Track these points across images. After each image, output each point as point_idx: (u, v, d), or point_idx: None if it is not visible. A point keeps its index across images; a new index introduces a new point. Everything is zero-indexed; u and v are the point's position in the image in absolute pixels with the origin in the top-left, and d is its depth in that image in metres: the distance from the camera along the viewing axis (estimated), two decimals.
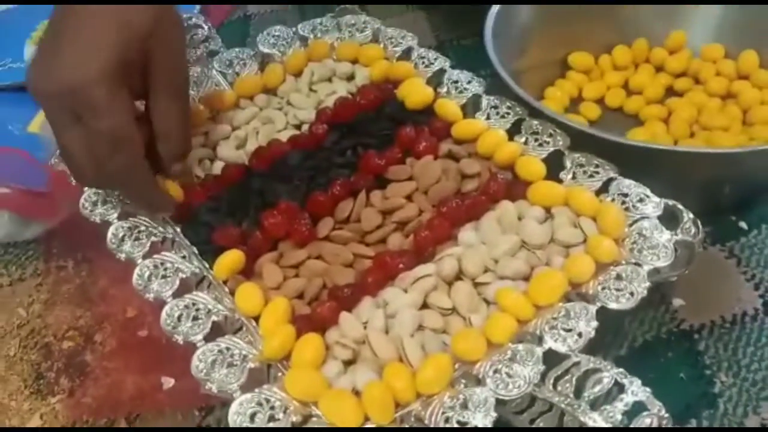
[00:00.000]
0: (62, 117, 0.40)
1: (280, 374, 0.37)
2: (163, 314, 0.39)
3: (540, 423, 0.37)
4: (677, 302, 0.48)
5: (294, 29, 0.57)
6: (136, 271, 0.41)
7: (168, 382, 0.47)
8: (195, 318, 0.39)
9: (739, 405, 0.43)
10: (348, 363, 0.38)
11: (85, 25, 0.40)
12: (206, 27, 0.58)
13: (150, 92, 0.43)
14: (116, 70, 0.39)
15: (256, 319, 0.40)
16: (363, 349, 0.38)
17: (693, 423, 0.42)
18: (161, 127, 0.43)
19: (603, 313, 0.37)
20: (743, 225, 0.53)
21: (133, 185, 0.43)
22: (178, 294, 0.40)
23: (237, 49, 0.56)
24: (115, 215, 0.45)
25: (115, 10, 0.40)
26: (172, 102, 0.44)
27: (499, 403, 0.34)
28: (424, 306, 0.40)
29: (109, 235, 0.44)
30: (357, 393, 0.36)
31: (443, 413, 0.33)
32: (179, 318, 0.39)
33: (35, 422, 0.46)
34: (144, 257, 0.43)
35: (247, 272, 0.43)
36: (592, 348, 0.35)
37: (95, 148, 0.40)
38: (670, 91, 0.64)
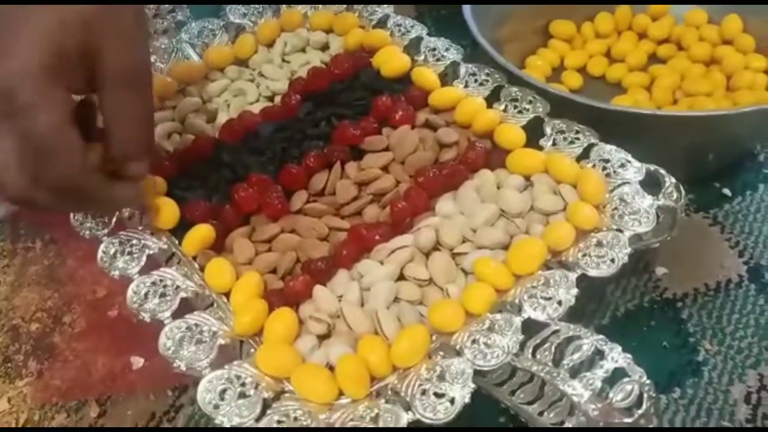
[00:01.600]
0: None
1: (252, 350, 0.36)
2: (129, 291, 0.38)
3: (521, 394, 0.36)
4: (660, 270, 0.48)
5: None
6: (101, 248, 0.40)
7: (138, 362, 0.45)
8: (163, 295, 0.38)
9: (724, 373, 0.42)
10: (323, 337, 0.37)
11: (18, 22, 0.35)
12: None
13: (98, 85, 0.36)
14: (48, 62, 0.34)
15: (228, 295, 0.38)
16: (338, 323, 0.37)
17: (677, 391, 0.42)
18: (110, 124, 0.37)
19: (585, 282, 0.36)
20: (727, 192, 0.52)
21: (76, 194, 0.36)
22: (145, 271, 0.39)
23: (206, 20, 0.54)
24: None
25: (56, 7, 0.35)
26: (124, 94, 0.37)
27: (479, 374, 0.33)
28: (401, 278, 0.38)
29: (71, 215, 0.42)
30: (332, 368, 0.35)
31: (420, 385, 0.32)
32: (146, 295, 0.37)
33: (3, 406, 0.45)
34: (109, 234, 0.41)
35: (218, 248, 0.41)
36: (574, 317, 0.34)
37: (27, 154, 0.34)
38: (653, 58, 0.63)
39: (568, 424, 0.33)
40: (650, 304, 0.46)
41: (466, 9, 0.55)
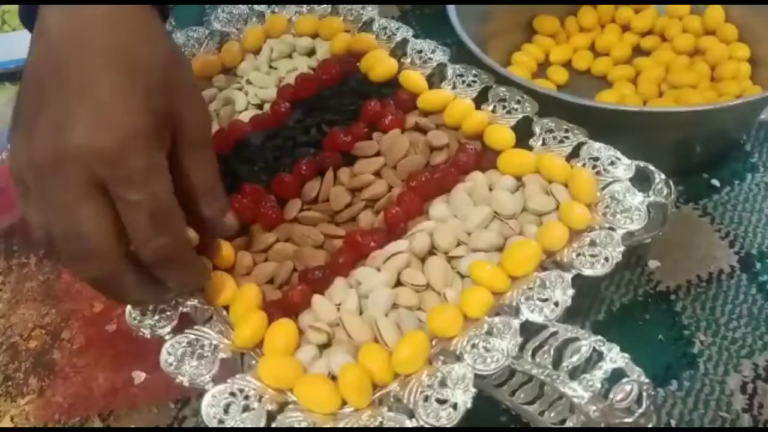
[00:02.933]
0: (74, 190, 0.31)
1: (254, 362, 0.36)
2: (127, 309, 0.38)
3: (521, 394, 0.37)
4: (653, 264, 0.48)
5: (249, 5, 0.55)
6: None
7: (139, 376, 0.46)
8: (162, 311, 0.38)
9: (720, 364, 0.43)
10: (323, 347, 0.37)
11: (86, 71, 0.32)
12: None
13: (179, 144, 0.35)
14: (150, 126, 0.32)
15: (227, 307, 0.38)
16: (337, 331, 0.37)
17: (674, 384, 0.42)
18: (203, 184, 0.36)
19: (579, 280, 0.36)
20: (715, 182, 0.53)
21: (177, 265, 0.35)
22: None
23: (191, 28, 0.54)
24: None
25: (113, 45, 0.33)
26: (206, 151, 0.36)
27: (479, 376, 0.33)
28: (398, 284, 0.39)
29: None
30: (333, 377, 0.35)
31: (422, 392, 0.33)
32: (144, 312, 0.38)
33: (6, 425, 0.45)
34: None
35: None
36: (570, 315, 0.35)
37: (132, 227, 0.32)
38: (638, 51, 0.63)
39: (569, 423, 0.33)
40: (644, 298, 0.47)
41: (451, 8, 0.55)
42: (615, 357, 0.32)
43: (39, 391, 0.46)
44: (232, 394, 0.34)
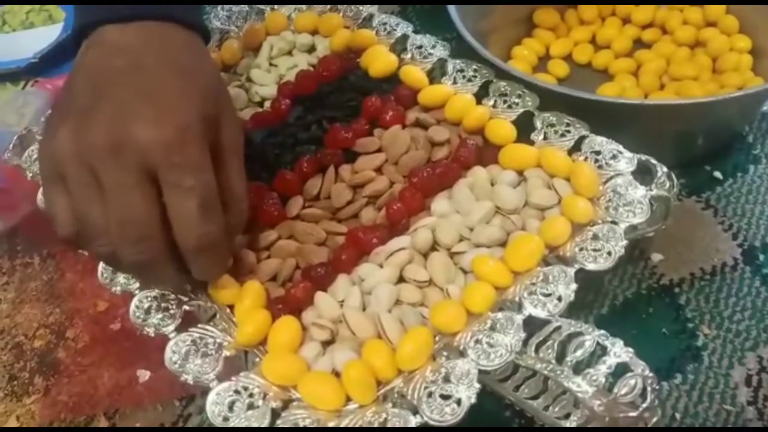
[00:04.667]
0: (131, 175, 0.33)
1: (258, 360, 0.36)
2: (132, 307, 0.38)
3: (525, 389, 0.37)
4: (656, 257, 0.48)
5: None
6: (101, 264, 0.40)
7: (144, 374, 0.46)
8: (166, 309, 0.38)
9: (724, 357, 0.43)
10: (326, 343, 0.37)
11: (146, 73, 0.36)
12: None
13: (218, 150, 0.37)
14: (202, 126, 0.35)
15: (231, 305, 0.39)
16: (341, 328, 0.37)
17: (678, 378, 0.42)
18: (234, 191, 0.37)
19: (582, 274, 0.36)
20: (718, 174, 0.53)
21: (213, 255, 0.36)
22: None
23: None
24: None
25: (169, 56, 0.37)
26: (239, 161, 0.38)
27: (483, 371, 0.33)
28: (401, 280, 0.39)
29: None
30: (337, 374, 0.35)
31: (426, 388, 0.33)
32: (149, 310, 0.38)
33: (12, 424, 0.45)
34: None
35: None
36: (573, 309, 0.35)
37: (181, 214, 0.34)
38: (638, 43, 0.63)
39: (573, 418, 0.33)
40: (648, 292, 0.46)
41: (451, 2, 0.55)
42: (619, 351, 0.32)
43: (44, 390, 0.46)
44: (237, 391, 0.34)
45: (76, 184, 0.34)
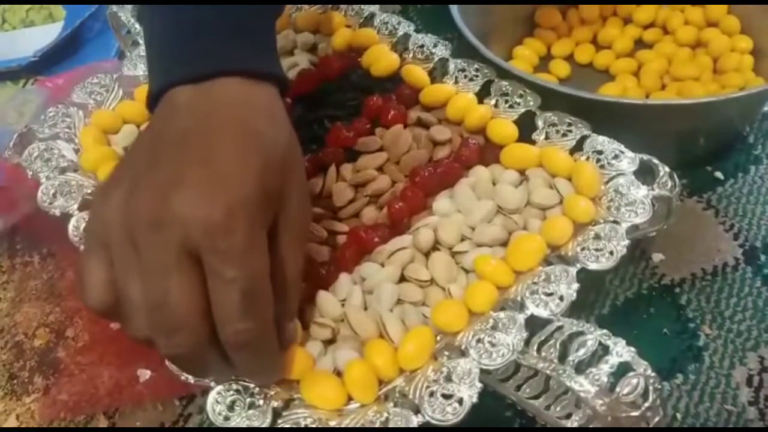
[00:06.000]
0: (170, 256, 0.29)
1: None
2: None
3: (527, 389, 0.37)
4: (657, 257, 0.48)
5: None
6: None
7: (144, 374, 0.46)
8: None
9: (725, 357, 0.43)
10: (328, 342, 0.37)
11: (207, 138, 0.32)
12: None
13: (280, 229, 0.33)
14: (260, 202, 0.30)
15: None
16: (342, 327, 0.37)
17: (679, 378, 0.42)
18: (291, 278, 0.33)
19: (584, 274, 0.36)
20: (719, 175, 0.53)
21: (255, 353, 0.31)
22: None
23: None
24: (76, 206, 0.43)
25: (239, 120, 0.32)
26: (300, 245, 0.35)
27: (484, 371, 0.33)
28: (402, 279, 0.39)
29: (71, 228, 0.42)
30: (339, 373, 0.35)
31: (427, 387, 0.33)
32: None
33: (12, 423, 0.45)
34: None
35: None
36: (574, 309, 0.35)
37: (220, 305, 0.30)
38: (640, 43, 0.63)
39: (575, 417, 0.33)
40: (649, 291, 0.46)
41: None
42: (621, 351, 0.32)
43: (44, 390, 0.46)
44: (237, 391, 0.34)
45: (118, 256, 0.31)
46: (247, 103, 0.34)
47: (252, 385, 0.34)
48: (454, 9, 0.54)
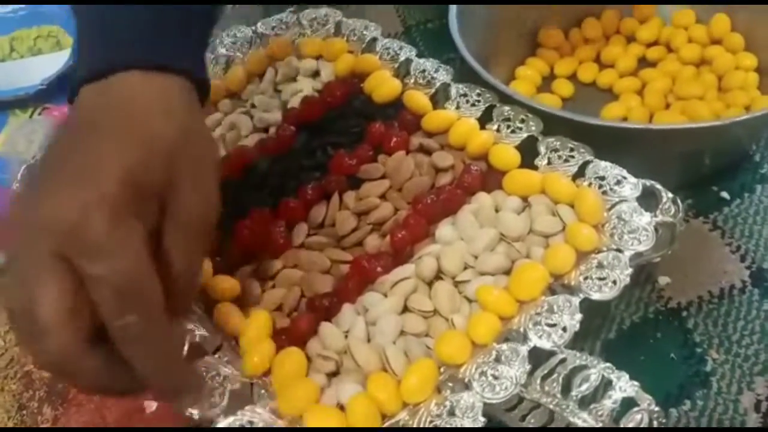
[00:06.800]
0: (36, 262, 0.29)
1: (263, 392, 0.36)
2: None
3: (531, 420, 0.37)
4: (663, 280, 0.48)
5: (253, 28, 0.56)
6: None
7: (151, 405, 0.46)
8: None
9: (733, 382, 0.42)
10: (331, 375, 0.37)
11: (90, 143, 0.31)
12: None
13: (166, 221, 0.32)
14: (128, 197, 0.30)
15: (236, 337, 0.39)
16: (345, 359, 0.37)
17: (687, 404, 0.42)
18: (178, 269, 0.32)
19: (588, 301, 0.36)
20: (725, 195, 0.52)
21: (146, 345, 0.30)
22: None
23: None
24: None
25: (129, 122, 0.32)
26: (192, 238, 0.33)
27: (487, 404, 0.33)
28: (405, 309, 0.39)
29: None
30: (342, 407, 0.35)
31: (431, 421, 0.33)
32: None
33: None
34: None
35: None
36: (580, 334, 0.35)
37: (97, 303, 0.29)
38: (643, 62, 0.63)
39: None
40: (655, 315, 0.46)
41: (453, 24, 0.55)
42: (624, 386, 0.31)
43: (53, 420, 0.46)
44: (243, 427, 0.34)
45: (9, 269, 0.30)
46: (139, 97, 0.33)
47: (257, 420, 0.34)
48: (455, 30, 0.54)
